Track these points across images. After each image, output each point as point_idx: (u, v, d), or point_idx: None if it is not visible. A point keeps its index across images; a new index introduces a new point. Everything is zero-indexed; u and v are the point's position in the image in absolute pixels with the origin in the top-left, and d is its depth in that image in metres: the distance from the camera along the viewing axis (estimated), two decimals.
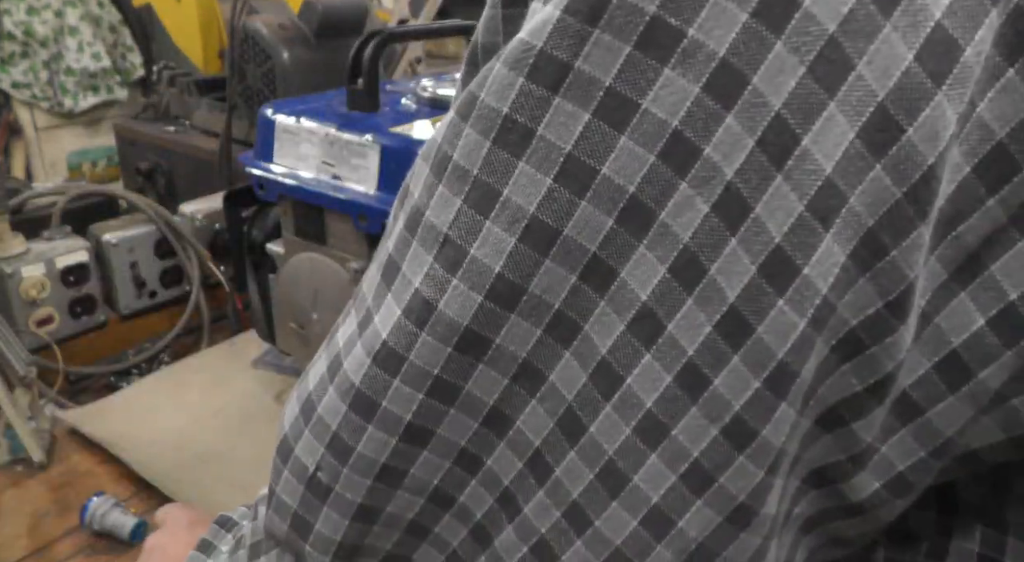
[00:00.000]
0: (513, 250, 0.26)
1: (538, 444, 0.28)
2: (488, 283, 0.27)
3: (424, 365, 0.28)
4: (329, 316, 0.85)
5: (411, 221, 0.29)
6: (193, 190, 1.37)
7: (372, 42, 0.85)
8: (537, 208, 0.26)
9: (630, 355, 0.26)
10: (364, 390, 0.30)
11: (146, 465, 0.85)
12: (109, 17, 2.72)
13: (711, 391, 0.26)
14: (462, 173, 0.27)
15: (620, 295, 0.26)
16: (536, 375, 0.27)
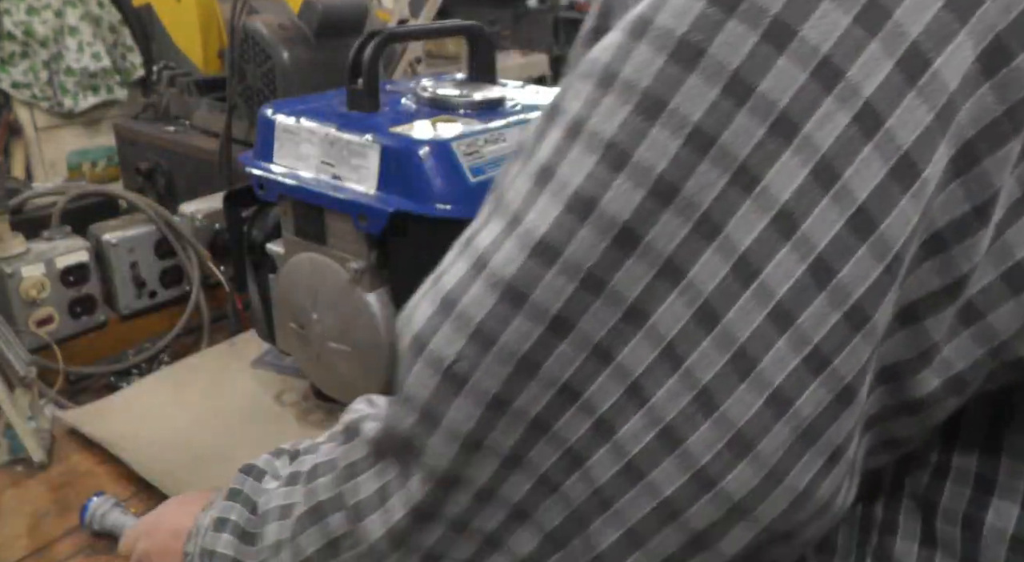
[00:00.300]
0: (676, 153, 0.30)
1: (672, 336, 0.31)
2: (650, 182, 0.31)
3: (579, 259, 0.31)
4: (329, 316, 0.85)
5: (571, 131, 0.33)
6: (193, 190, 1.37)
7: (372, 42, 0.85)
8: (701, 117, 0.30)
9: (768, 250, 0.30)
10: (516, 283, 0.32)
11: (146, 465, 0.85)
12: (109, 17, 2.72)
13: (837, 280, 0.30)
14: (631, 85, 0.31)
15: (763, 196, 0.30)
16: (677, 271, 0.31)
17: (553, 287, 0.32)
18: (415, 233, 0.77)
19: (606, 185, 0.31)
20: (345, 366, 0.85)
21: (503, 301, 0.33)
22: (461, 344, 0.34)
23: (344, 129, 0.81)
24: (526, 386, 0.33)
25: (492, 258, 0.34)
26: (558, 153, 0.33)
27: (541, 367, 0.32)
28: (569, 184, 0.32)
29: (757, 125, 0.30)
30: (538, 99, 0.94)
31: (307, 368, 0.92)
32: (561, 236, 0.32)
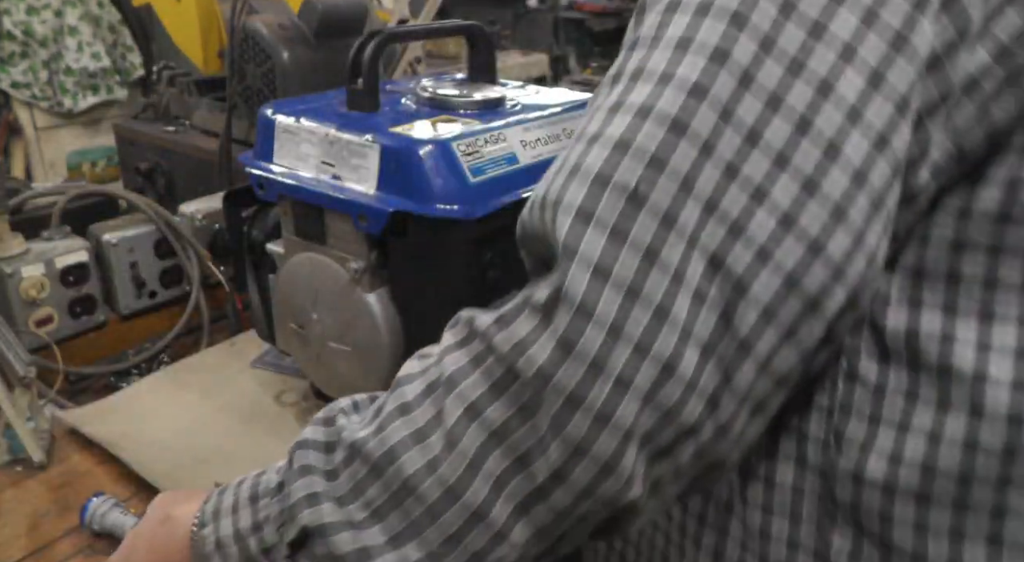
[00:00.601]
0: (775, 17, 0.43)
1: (781, 146, 0.42)
2: (760, 37, 0.42)
3: (719, 94, 0.42)
4: (329, 316, 0.85)
5: (701, 9, 0.44)
6: (193, 190, 1.37)
7: (372, 42, 0.85)
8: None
9: (837, 72, 0.42)
10: (680, 116, 0.42)
11: (146, 465, 0.85)
12: (109, 17, 2.72)
13: (887, 85, 0.42)
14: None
15: (831, 39, 0.42)
16: (778, 99, 0.42)
17: (706, 117, 0.42)
18: (415, 233, 0.77)
19: (735, 40, 0.42)
20: (345, 366, 0.85)
21: (671, 132, 0.42)
22: (640, 170, 0.42)
23: (344, 129, 0.81)
24: (685, 202, 0.41)
25: (656, 103, 0.42)
26: (692, 26, 0.43)
27: (696, 183, 0.41)
28: (708, 43, 0.42)
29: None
30: (538, 99, 0.94)
31: (307, 368, 0.92)
32: (708, 79, 0.42)
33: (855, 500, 0.50)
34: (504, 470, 0.44)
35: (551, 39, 3.45)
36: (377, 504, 0.47)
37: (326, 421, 0.52)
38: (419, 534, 0.46)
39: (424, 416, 0.46)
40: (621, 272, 0.41)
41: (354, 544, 0.47)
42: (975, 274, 0.47)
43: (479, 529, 0.44)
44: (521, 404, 0.43)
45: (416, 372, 0.49)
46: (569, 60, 3.63)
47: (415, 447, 0.46)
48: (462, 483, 0.44)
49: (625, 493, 0.43)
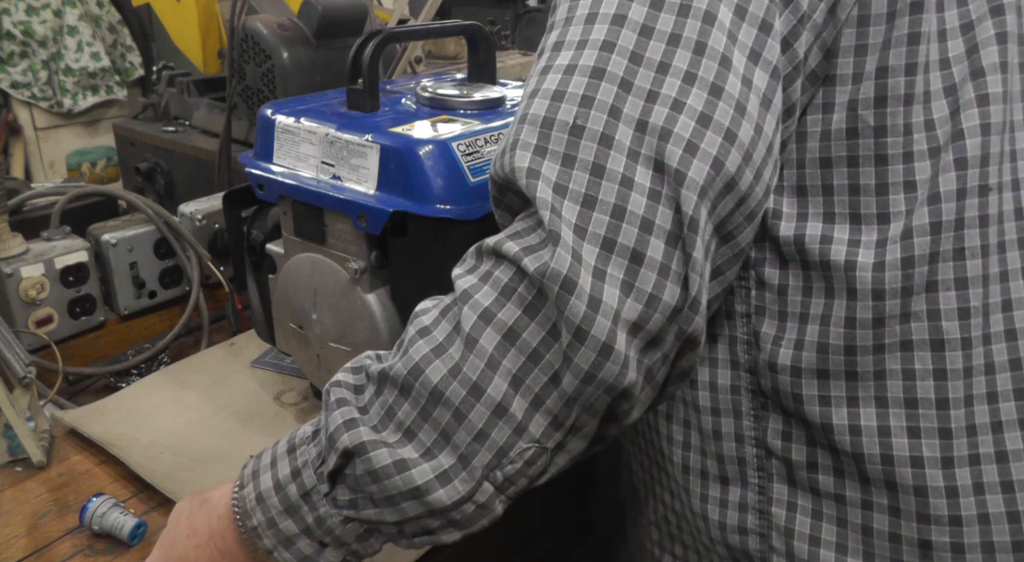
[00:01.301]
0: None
1: (686, 67, 0.52)
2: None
3: (630, 46, 0.53)
4: (329, 316, 0.85)
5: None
6: (193, 190, 1.37)
7: (372, 42, 0.85)
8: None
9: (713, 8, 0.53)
10: (598, 65, 0.53)
11: (145, 466, 0.85)
12: (108, 17, 2.72)
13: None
14: None
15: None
16: (676, 37, 0.53)
17: (618, 63, 0.52)
18: (415, 233, 0.77)
19: (628, 7, 0.53)
20: None
21: (593, 77, 0.52)
22: (575, 109, 0.51)
23: (344, 129, 0.81)
24: (617, 125, 0.51)
25: (578, 62, 0.53)
26: (595, 4, 0.54)
27: (622, 110, 0.51)
28: (608, 12, 0.54)
29: None
30: None
31: (307, 368, 0.92)
32: (613, 37, 0.53)
33: (774, 386, 0.61)
34: (520, 367, 0.49)
35: None
36: (408, 424, 0.51)
37: (355, 369, 0.57)
38: (448, 440, 0.51)
39: (443, 332, 0.52)
40: (574, 187, 0.50)
41: (391, 457, 0.51)
42: (841, 185, 0.58)
43: (502, 424, 0.50)
44: (527, 303, 0.49)
45: (431, 305, 0.55)
46: None
47: (437, 359, 0.51)
48: (484, 380, 0.50)
49: (623, 377, 0.49)
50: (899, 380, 0.57)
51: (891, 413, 0.57)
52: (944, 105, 0.57)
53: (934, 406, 0.57)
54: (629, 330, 0.49)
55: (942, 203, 0.56)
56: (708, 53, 0.52)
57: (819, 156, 0.58)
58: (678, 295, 0.50)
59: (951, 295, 0.56)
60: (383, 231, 0.77)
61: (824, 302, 0.59)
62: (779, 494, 0.63)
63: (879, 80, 0.56)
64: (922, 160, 0.57)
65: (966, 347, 0.56)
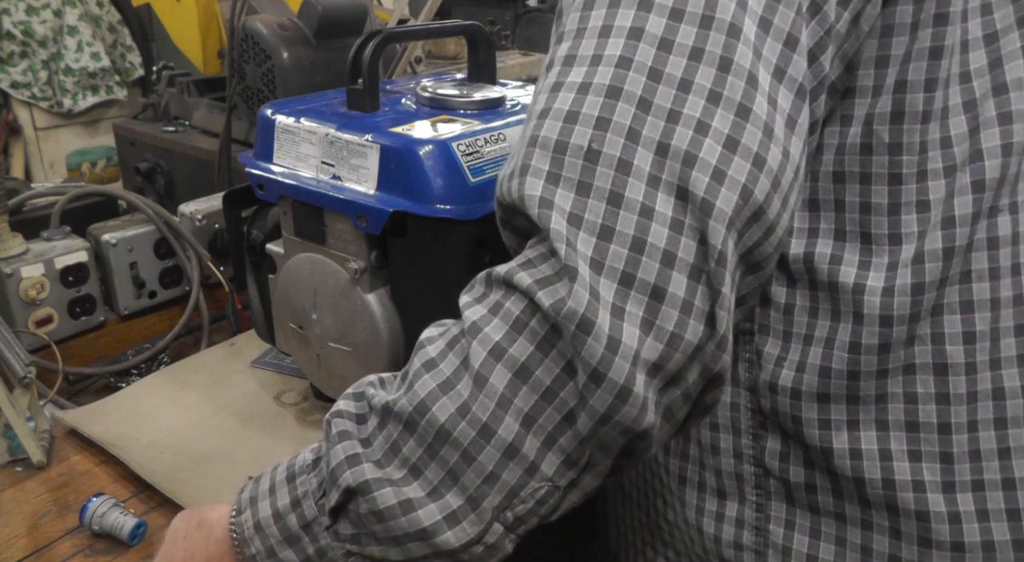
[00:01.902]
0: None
1: (710, 86, 0.48)
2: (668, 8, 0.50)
3: (647, 61, 0.49)
4: (329, 316, 0.85)
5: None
6: (193, 190, 1.37)
7: (372, 42, 0.85)
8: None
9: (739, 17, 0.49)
10: (614, 84, 0.49)
11: (145, 466, 0.85)
12: (108, 17, 2.72)
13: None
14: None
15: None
16: (698, 51, 0.49)
17: (635, 81, 0.48)
18: (415, 233, 0.77)
19: (646, 19, 0.49)
20: (345, 366, 0.85)
21: (609, 97, 0.48)
22: (590, 132, 0.48)
23: (344, 129, 0.81)
24: (636, 149, 0.47)
25: (592, 79, 0.49)
26: (608, 16, 0.50)
27: (641, 133, 0.47)
28: (624, 26, 0.50)
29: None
30: None
31: (307, 368, 0.92)
32: (629, 52, 0.49)
33: (773, 407, 0.59)
34: (533, 406, 0.47)
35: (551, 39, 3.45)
36: (413, 460, 0.49)
37: (356, 396, 0.54)
38: (457, 480, 0.48)
39: (450, 366, 0.49)
40: (590, 218, 0.47)
41: (397, 498, 0.49)
42: (853, 202, 0.56)
43: (513, 465, 0.48)
44: (540, 338, 0.47)
45: (437, 334, 0.52)
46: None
47: (444, 396, 0.48)
48: (494, 421, 0.47)
49: (641, 420, 0.46)
50: (900, 403, 0.56)
51: (892, 436, 0.56)
52: (963, 121, 0.54)
53: (935, 430, 0.55)
54: (649, 370, 0.46)
55: (956, 227, 0.54)
56: (733, 70, 0.48)
57: (832, 170, 0.56)
58: (702, 332, 0.46)
59: (956, 319, 0.55)
60: (383, 231, 0.77)
61: (829, 325, 0.57)
62: (777, 512, 0.62)
63: (897, 94, 0.54)
64: (936, 179, 0.54)
65: (970, 372, 0.55)
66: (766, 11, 0.50)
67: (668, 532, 0.70)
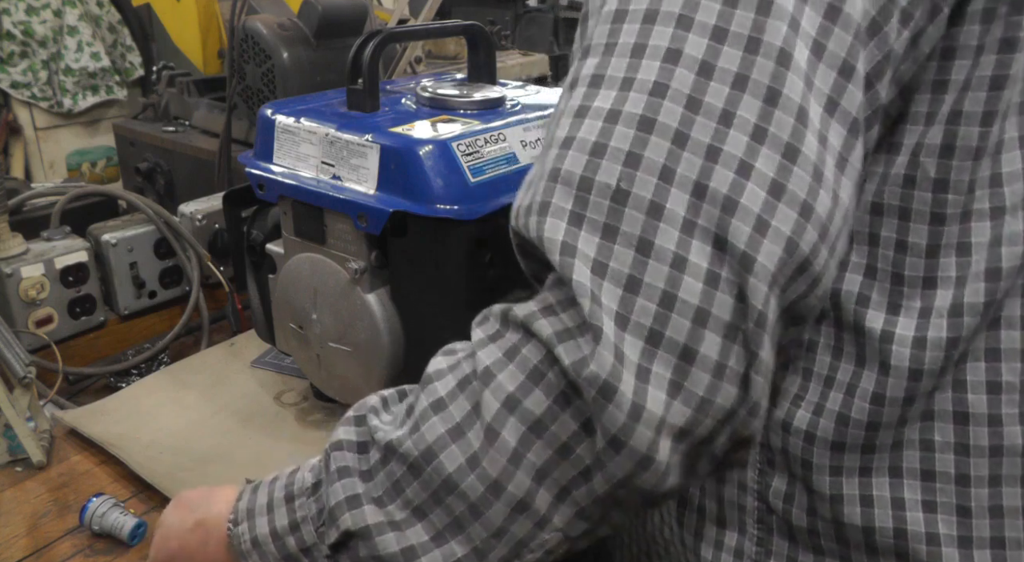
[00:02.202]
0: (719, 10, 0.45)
1: (755, 120, 0.43)
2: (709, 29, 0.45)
3: (682, 88, 0.44)
4: (329, 316, 0.85)
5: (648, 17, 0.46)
6: (193, 190, 1.37)
7: (372, 42, 0.85)
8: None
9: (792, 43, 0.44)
10: (647, 114, 0.44)
11: (145, 466, 0.85)
12: (108, 17, 2.72)
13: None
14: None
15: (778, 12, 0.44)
16: (743, 78, 0.43)
17: (671, 111, 0.43)
18: (415, 233, 0.77)
19: (684, 39, 0.44)
20: (345, 366, 0.85)
21: (641, 129, 0.44)
22: (619, 169, 0.43)
23: (344, 129, 0.81)
24: (669, 190, 0.43)
25: (623, 107, 0.44)
26: (643, 33, 0.45)
27: (676, 171, 0.43)
28: (660, 46, 0.44)
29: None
30: (538, 99, 0.94)
31: (307, 368, 0.92)
32: (665, 77, 0.44)
33: (784, 447, 0.56)
34: (546, 461, 0.44)
35: (551, 39, 3.45)
36: (417, 503, 0.47)
37: (357, 420, 0.52)
38: (463, 530, 0.46)
39: (460, 411, 0.47)
40: (616, 266, 0.43)
41: (399, 544, 0.47)
42: (889, 237, 0.51)
43: (523, 519, 0.46)
44: (558, 392, 0.44)
45: (445, 368, 0.49)
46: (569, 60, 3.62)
47: (453, 444, 0.46)
48: (505, 477, 0.45)
49: (662, 484, 0.44)
50: (916, 451, 0.52)
51: (906, 484, 0.53)
52: (1017, 157, 0.49)
53: (953, 481, 0.52)
54: (675, 436, 0.43)
55: (1000, 281, 0.49)
56: (782, 103, 0.43)
57: (872, 200, 0.52)
58: (734, 397, 0.43)
59: (979, 366, 0.51)
60: (383, 231, 0.77)
61: (853, 370, 0.52)
62: (779, 548, 0.58)
63: (950, 126, 0.49)
64: (981, 220, 0.49)
65: (994, 424, 0.51)
66: (820, 34, 0.44)
67: (664, 548, 0.68)
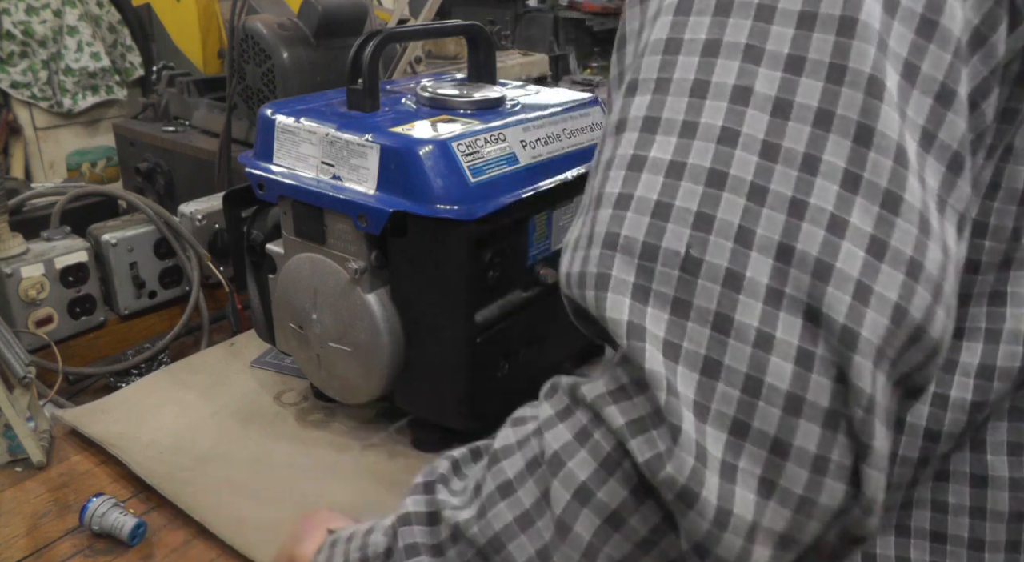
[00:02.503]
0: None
1: (845, 165, 0.37)
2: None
3: (756, 132, 0.38)
4: (329, 316, 0.85)
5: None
6: (193, 190, 1.37)
7: (372, 42, 0.85)
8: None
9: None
10: (716, 166, 0.38)
11: (145, 466, 0.85)
12: (108, 17, 2.72)
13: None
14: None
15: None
16: (827, 115, 0.37)
17: (744, 162, 0.37)
18: (415, 233, 0.77)
19: (754, 74, 0.38)
20: (345, 366, 0.85)
21: (711, 185, 0.37)
22: (687, 232, 0.37)
23: (344, 129, 0.81)
24: (748, 256, 0.37)
25: (687, 158, 0.38)
26: (703, 69, 0.39)
27: (755, 233, 0.37)
28: (725, 84, 0.38)
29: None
30: (538, 99, 0.94)
31: (307, 368, 0.92)
32: (735, 121, 0.38)
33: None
34: (626, 554, 0.40)
35: (551, 39, 3.45)
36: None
37: (426, 488, 0.50)
38: None
39: (529, 497, 0.43)
40: (691, 347, 0.37)
41: None
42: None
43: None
44: (635, 484, 0.39)
45: (513, 444, 0.45)
46: (569, 60, 3.63)
47: (523, 534, 0.43)
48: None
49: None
50: (928, 511, 0.48)
51: (913, 544, 0.49)
52: None
53: (966, 545, 0.48)
54: (774, 543, 0.37)
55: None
56: (876, 142, 0.36)
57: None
58: (842, 495, 0.36)
59: (1002, 426, 0.47)
60: (383, 231, 0.77)
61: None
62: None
63: (1000, 163, 0.43)
64: (1020, 269, 0.44)
65: (1016, 489, 0.47)
66: (913, 54, 0.37)
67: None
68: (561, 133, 0.89)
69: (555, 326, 0.89)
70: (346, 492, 0.82)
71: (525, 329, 0.87)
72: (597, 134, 0.93)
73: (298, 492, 0.82)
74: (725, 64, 0.38)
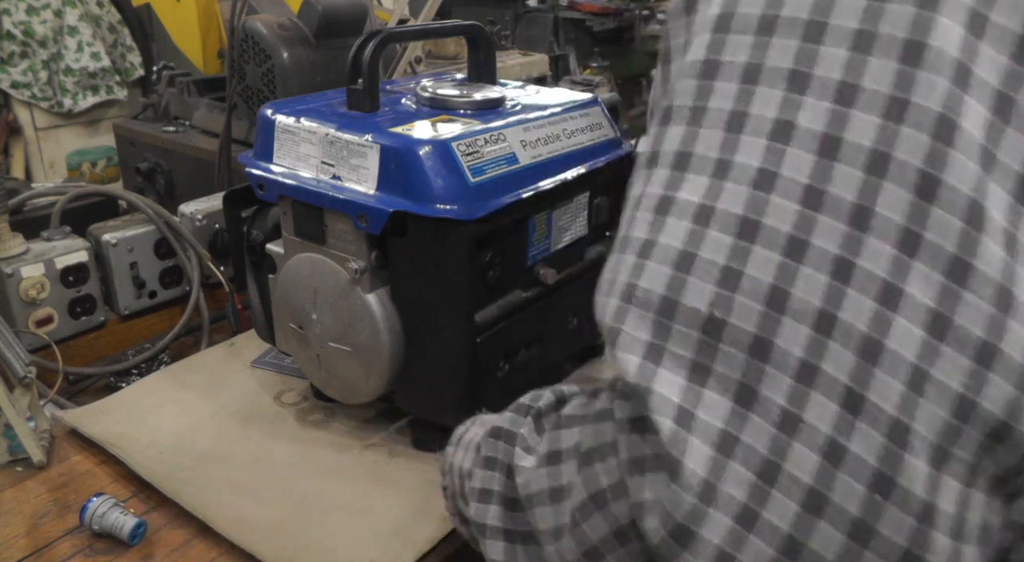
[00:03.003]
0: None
1: (902, 221, 0.31)
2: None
3: (796, 175, 0.33)
4: (329, 316, 0.85)
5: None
6: (193, 190, 1.37)
7: (372, 42, 0.85)
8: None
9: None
10: (748, 215, 0.33)
11: (145, 466, 0.85)
12: (109, 17, 2.72)
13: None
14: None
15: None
16: (883, 158, 0.31)
17: (783, 210, 0.32)
18: (415, 233, 0.77)
19: (798, 105, 0.33)
20: (345, 366, 0.85)
21: (741, 236, 0.33)
22: (711, 289, 0.33)
23: (344, 129, 0.81)
24: (779, 322, 0.32)
25: (717, 203, 0.34)
26: (741, 99, 0.35)
27: (790, 296, 0.32)
28: (765, 117, 0.34)
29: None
30: (538, 99, 0.94)
31: (307, 368, 0.92)
32: (774, 162, 0.33)
33: None
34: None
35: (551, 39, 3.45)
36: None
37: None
38: None
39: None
40: (706, 418, 0.33)
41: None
42: None
43: None
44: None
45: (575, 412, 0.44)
46: (569, 60, 3.63)
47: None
48: None
49: None
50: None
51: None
52: None
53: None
54: None
55: None
56: (942, 196, 0.30)
57: None
58: None
59: None
60: (383, 231, 0.77)
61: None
62: None
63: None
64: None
65: None
66: (1007, 83, 0.31)
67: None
68: (561, 133, 0.89)
69: (555, 326, 0.89)
70: (346, 492, 0.82)
71: (525, 329, 0.87)
72: (597, 134, 0.93)
73: (298, 492, 0.82)
74: (765, 93, 0.34)
